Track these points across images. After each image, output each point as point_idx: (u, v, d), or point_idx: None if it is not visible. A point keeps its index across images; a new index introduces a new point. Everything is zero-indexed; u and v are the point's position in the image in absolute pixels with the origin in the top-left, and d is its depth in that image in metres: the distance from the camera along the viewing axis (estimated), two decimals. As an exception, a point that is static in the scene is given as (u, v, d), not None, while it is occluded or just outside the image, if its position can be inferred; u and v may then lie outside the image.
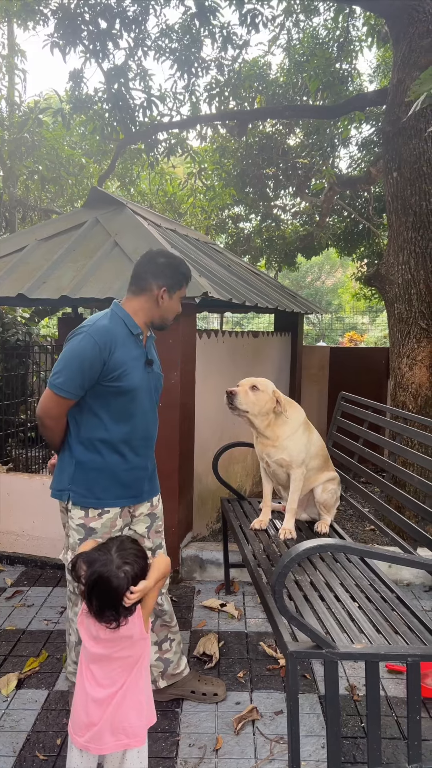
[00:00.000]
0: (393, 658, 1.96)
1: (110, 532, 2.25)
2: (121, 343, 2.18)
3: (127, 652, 1.77)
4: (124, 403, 2.21)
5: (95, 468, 2.22)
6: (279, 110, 7.37)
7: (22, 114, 9.40)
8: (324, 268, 27.72)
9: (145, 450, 2.34)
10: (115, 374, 2.14)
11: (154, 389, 2.36)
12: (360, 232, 10.51)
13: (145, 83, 7.42)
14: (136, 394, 2.23)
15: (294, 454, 2.95)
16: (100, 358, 2.11)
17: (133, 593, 1.72)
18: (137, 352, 2.24)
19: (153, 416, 2.38)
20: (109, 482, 2.24)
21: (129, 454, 2.27)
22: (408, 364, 4.36)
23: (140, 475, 2.33)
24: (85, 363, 2.10)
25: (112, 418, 2.21)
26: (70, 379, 2.11)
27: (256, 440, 3.08)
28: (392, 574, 3.69)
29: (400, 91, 4.42)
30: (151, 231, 4.07)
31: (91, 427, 2.21)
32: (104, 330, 2.15)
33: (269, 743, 2.31)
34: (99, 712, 1.75)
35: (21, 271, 3.93)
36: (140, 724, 1.78)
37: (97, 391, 2.17)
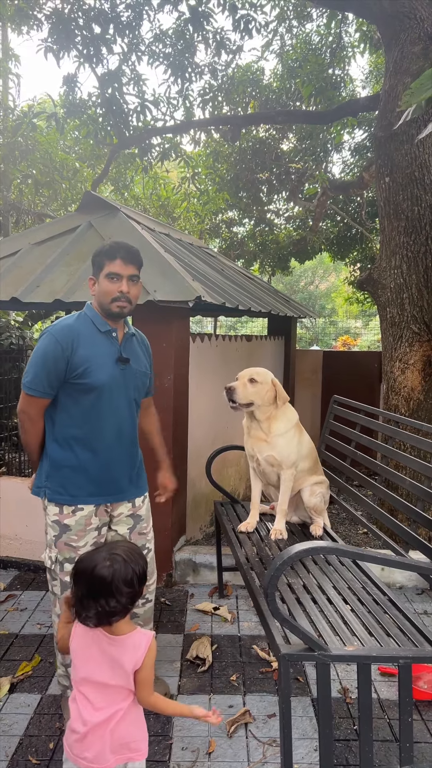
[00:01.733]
0: (384, 660, 1.97)
1: (85, 529, 2.27)
2: (87, 341, 2.22)
3: (122, 682, 1.68)
4: (93, 401, 2.23)
5: (68, 465, 2.26)
6: (272, 115, 7.41)
7: (15, 118, 9.39)
8: (317, 272, 27.80)
9: (119, 448, 2.32)
10: (79, 371, 2.18)
11: (132, 387, 2.34)
12: (353, 236, 10.57)
13: (139, 88, 7.45)
14: (104, 391, 2.23)
15: (284, 452, 2.96)
16: (62, 356, 2.16)
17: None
18: (107, 350, 2.26)
19: (128, 413, 2.36)
20: (82, 480, 2.26)
21: (101, 452, 2.27)
22: (400, 367, 4.39)
23: (115, 474, 2.33)
24: (49, 361, 2.16)
25: (83, 416, 2.24)
26: (37, 378, 2.18)
27: (248, 436, 3.08)
28: (385, 577, 3.70)
29: (392, 97, 4.45)
30: (145, 235, 4.08)
31: (64, 424, 2.26)
32: (66, 329, 2.21)
33: (262, 746, 2.32)
34: (99, 734, 1.66)
35: (14, 275, 3.93)
36: (143, 737, 1.74)
37: (66, 390, 2.22)
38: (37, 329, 8.42)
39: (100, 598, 1.62)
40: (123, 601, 1.64)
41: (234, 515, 3.38)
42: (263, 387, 2.91)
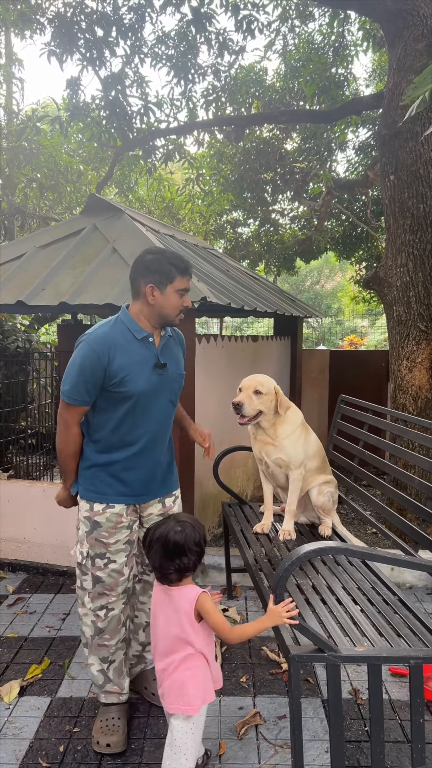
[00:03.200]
0: (395, 661, 1.95)
1: (115, 527, 2.29)
2: (123, 348, 2.21)
3: (178, 630, 1.96)
4: (130, 407, 2.24)
5: (101, 466, 2.30)
6: (275, 115, 7.40)
7: (19, 122, 9.43)
8: (323, 272, 27.76)
9: (152, 451, 2.34)
10: (117, 380, 2.18)
11: (169, 390, 2.36)
12: (358, 235, 10.54)
13: (142, 90, 7.46)
14: (141, 397, 2.25)
15: (292, 453, 2.95)
16: (99, 365, 2.16)
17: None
18: (143, 356, 2.25)
19: (164, 416, 2.38)
20: (114, 480, 2.30)
21: (134, 455, 2.30)
22: (408, 366, 4.36)
23: (146, 477, 2.35)
24: (85, 371, 2.17)
25: (119, 420, 2.26)
26: (74, 387, 2.19)
27: (254, 440, 3.08)
28: (395, 577, 3.68)
29: (395, 94, 4.43)
30: (150, 237, 4.08)
31: (100, 427, 2.28)
32: (102, 337, 2.20)
33: (273, 748, 2.31)
34: (162, 680, 2.00)
35: (20, 278, 3.94)
36: (195, 694, 1.95)
37: (104, 396, 2.23)
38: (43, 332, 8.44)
39: (176, 558, 1.94)
40: (193, 559, 1.96)
41: (242, 516, 3.37)
42: (268, 397, 2.90)
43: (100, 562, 2.30)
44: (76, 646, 3.05)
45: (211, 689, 2.01)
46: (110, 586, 2.31)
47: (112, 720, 2.36)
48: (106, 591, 2.31)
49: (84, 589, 2.34)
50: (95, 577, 2.31)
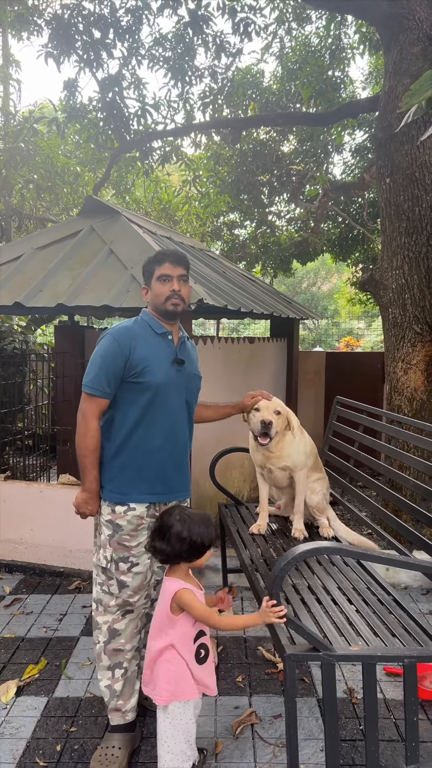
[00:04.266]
0: (389, 660, 1.97)
1: (137, 529, 2.29)
2: (144, 341, 2.31)
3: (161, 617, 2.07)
4: (149, 400, 2.28)
5: (120, 464, 2.31)
6: (272, 117, 7.43)
7: (17, 123, 9.44)
8: (320, 274, 27.80)
9: (171, 449, 2.36)
10: (137, 370, 2.26)
11: (185, 389, 2.40)
12: (355, 237, 10.57)
13: (139, 92, 7.48)
14: (160, 390, 2.29)
15: (296, 459, 3.00)
16: (121, 355, 2.25)
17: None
18: (164, 351, 2.34)
19: (182, 415, 2.40)
20: (134, 478, 2.30)
21: (154, 451, 2.32)
22: (403, 368, 4.39)
23: (166, 474, 2.36)
24: (108, 360, 2.25)
25: (139, 415, 2.29)
26: (96, 377, 2.26)
27: (256, 451, 3.09)
28: (390, 578, 3.71)
29: (391, 98, 4.46)
30: (146, 239, 4.10)
31: (120, 424, 2.31)
32: (125, 329, 2.32)
33: (268, 747, 2.32)
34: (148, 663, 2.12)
35: (17, 280, 3.95)
36: (164, 687, 2.03)
37: (124, 389, 2.29)
38: (40, 334, 8.45)
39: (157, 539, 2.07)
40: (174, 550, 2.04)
41: (238, 517, 3.39)
42: (283, 417, 2.94)
43: (123, 566, 2.29)
44: (73, 647, 3.06)
45: (189, 688, 2.03)
46: (134, 589, 2.30)
47: (112, 749, 2.24)
48: (130, 594, 2.30)
49: (111, 594, 2.30)
50: (120, 582, 2.29)
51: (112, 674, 2.30)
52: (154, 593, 2.45)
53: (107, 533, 2.31)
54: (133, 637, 2.32)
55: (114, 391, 2.28)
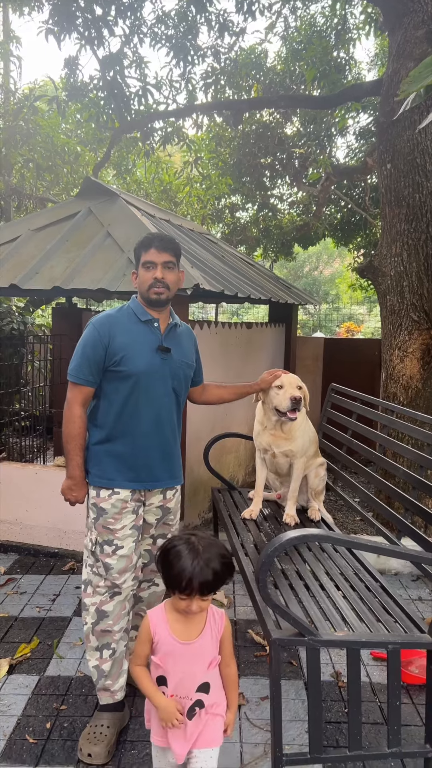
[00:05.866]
0: (374, 646, 2.01)
1: (121, 512, 2.31)
2: (125, 329, 2.31)
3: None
4: (131, 388, 2.30)
5: (106, 451, 2.34)
6: (274, 100, 7.34)
7: (17, 101, 9.33)
8: (322, 258, 27.67)
9: (156, 437, 2.36)
10: (117, 358, 2.27)
11: (172, 376, 2.38)
12: (357, 222, 10.50)
13: (141, 71, 7.38)
14: (141, 378, 2.29)
15: (300, 444, 3.04)
16: (100, 343, 2.27)
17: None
18: (146, 338, 2.33)
19: (168, 403, 2.40)
20: (120, 465, 2.32)
21: (138, 439, 2.33)
22: (399, 355, 4.39)
23: (151, 462, 2.36)
24: (88, 348, 2.28)
25: (122, 403, 2.31)
26: (79, 366, 2.30)
27: (263, 432, 3.11)
28: (380, 564, 3.74)
29: (394, 82, 4.41)
30: (144, 221, 4.07)
31: (104, 412, 2.34)
32: (105, 317, 2.34)
33: (254, 728, 2.36)
34: None
35: (14, 262, 3.94)
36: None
37: (107, 377, 2.31)
38: (38, 315, 8.43)
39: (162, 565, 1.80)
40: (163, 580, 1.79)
41: (231, 502, 3.42)
42: (303, 392, 2.96)
43: (108, 548, 2.30)
44: (65, 627, 3.10)
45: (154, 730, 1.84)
46: (119, 571, 2.31)
47: (100, 728, 2.26)
48: (115, 576, 2.31)
49: (98, 575, 2.33)
50: (105, 564, 2.31)
51: (100, 655, 2.32)
52: (141, 575, 2.49)
53: (92, 516, 2.35)
54: (121, 619, 2.34)
55: (97, 379, 2.31)
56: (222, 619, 1.86)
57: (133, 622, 2.56)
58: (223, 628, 1.85)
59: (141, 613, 2.58)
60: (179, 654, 1.78)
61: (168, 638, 1.78)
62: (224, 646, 1.84)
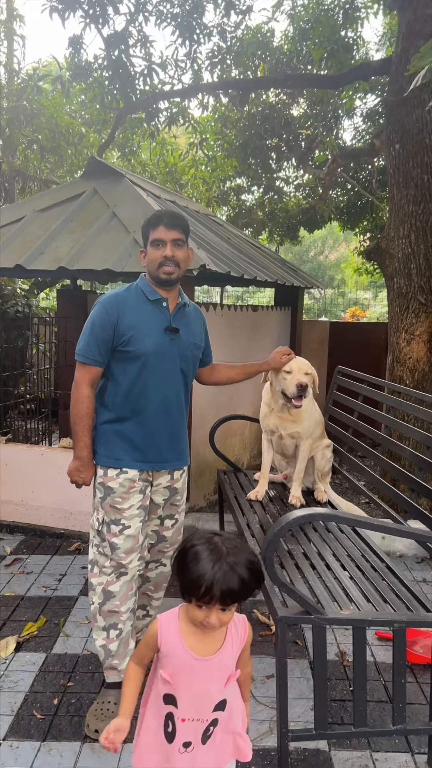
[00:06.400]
0: (380, 624, 2.01)
1: (128, 492, 2.31)
2: (134, 308, 2.28)
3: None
4: (139, 369, 2.28)
5: (114, 431, 2.33)
6: (281, 80, 7.23)
7: (20, 81, 9.23)
8: (327, 242, 27.49)
9: (164, 417, 2.35)
10: (125, 338, 2.25)
11: (180, 357, 2.36)
12: (363, 205, 10.39)
13: (146, 50, 7.28)
14: (150, 359, 2.28)
15: (307, 426, 3.04)
16: (109, 322, 2.24)
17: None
18: (155, 318, 2.30)
19: (176, 384, 2.38)
20: (127, 445, 2.31)
21: (146, 419, 2.32)
22: (406, 338, 4.37)
23: (159, 443, 2.36)
24: (97, 328, 2.25)
25: (130, 384, 2.30)
26: (87, 345, 2.27)
27: (269, 414, 3.10)
28: (386, 546, 3.75)
29: (403, 60, 4.34)
30: (150, 202, 4.04)
31: (112, 392, 2.33)
32: (113, 296, 2.31)
33: (260, 705, 2.38)
34: None
35: (19, 242, 3.92)
36: None
37: (115, 357, 2.29)
38: (43, 298, 8.41)
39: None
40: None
41: (237, 484, 3.42)
42: (311, 377, 2.95)
43: (115, 528, 2.30)
44: (72, 606, 3.12)
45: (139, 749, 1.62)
46: (126, 551, 2.31)
47: (107, 704, 2.30)
48: (121, 556, 2.31)
49: (104, 555, 2.34)
50: (112, 544, 2.31)
51: (107, 634, 2.32)
52: (147, 555, 2.50)
53: (99, 495, 2.34)
54: (128, 599, 2.34)
55: (105, 359, 2.29)
56: (245, 627, 1.61)
57: (139, 602, 2.58)
58: (246, 638, 1.61)
59: (148, 593, 2.60)
60: (194, 671, 1.52)
61: (181, 652, 1.52)
62: (244, 653, 1.62)
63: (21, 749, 2.13)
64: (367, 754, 2.12)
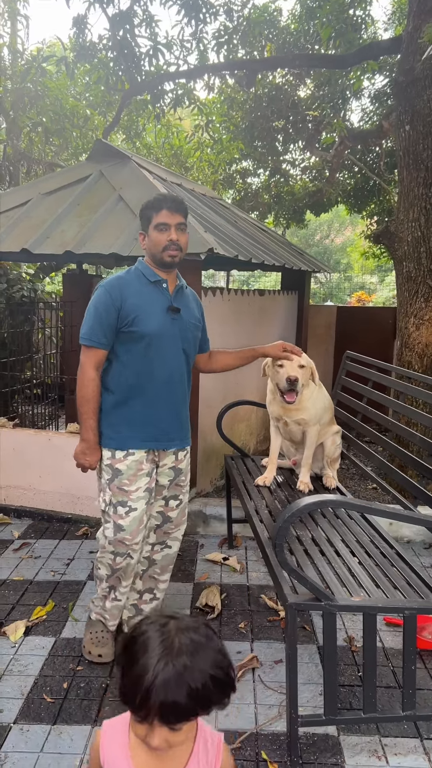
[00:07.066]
0: (391, 611, 2.00)
1: (136, 474, 2.35)
2: (136, 291, 2.32)
3: None
4: (144, 349, 2.31)
5: (119, 412, 2.36)
6: (289, 59, 7.12)
7: (24, 62, 9.11)
8: (333, 226, 27.25)
9: (168, 397, 2.39)
10: (130, 319, 2.28)
11: (181, 338, 2.39)
12: (371, 188, 10.27)
13: (151, 30, 7.15)
14: (154, 339, 2.31)
15: (313, 413, 3.02)
16: (113, 305, 2.28)
17: None
18: (156, 299, 2.34)
19: (179, 364, 2.41)
20: (134, 426, 2.35)
21: (151, 400, 2.36)
22: (415, 323, 4.32)
23: (164, 423, 2.40)
24: (100, 311, 2.28)
25: (135, 364, 2.33)
26: (91, 329, 2.30)
27: (274, 401, 3.09)
28: (393, 531, 3.74)
29: (414, 39, 4.24)
30: (156, 184, 3.99)
31: (117, 373, 2.36)
32: (116, 280, 2.34)
33: (268, 690, 2.39)
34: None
35: (24, 226, 3.88)
36: None
37: (120, 339, 2.32)
38: (48, 282, 8.37)
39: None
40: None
41: (244, 469, 3.41)
42: (307, 370, 2.91)
43: (121, 510, 2.35)
44: (80, 590, 3.13)
45: None
46: (131, 534, 2.37)
47: (101, 633, 2.53)
48: (126, 538, 2.37)
49: (105, 537, 2.41)
50: (117, 526, 2.36)
51: (108, 593, 2.50)
52: (153, 537, 2.57)
53: (107, 477, 2.39)
54: (129, 578, 2.48)
55: (110, 341, 2.31)
56: (218, 751, 1.18)
57: (146, 585, 2.61)
58: (220, 763, 1.18)
59: (155, 576, 2.61)
60: None
61: None
62: None
63: (31, 732, 2.14)
64: (376, 739, 2.13)
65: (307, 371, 2.91)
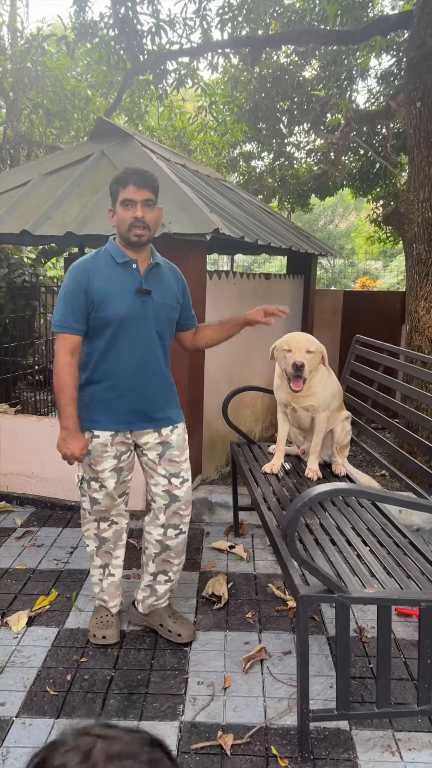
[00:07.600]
0: (406, 603, 1.93)
1: (101, 455, 2.39)
2: (103, 273, 2.26)
3: None
4: (113, 333, 2.27)
5: (89, 393, 2.36)
6: (295, 36, 6.95)
7: (24, 42, 8.93)
8: (337, 211, 26.97)
9: (141, 380, 2.35)
10: (95, 304, 2.24)
11: (154, 319, 2.32)
12: (377, 171, 10.10)
13: (154, 7, 6.99)
14: (123, 323, 2.26)
15: (322, 399, 2.93)
16: (79, 289, 2.23)
17: None
18: (125, 281, 2.27)
19: (152, 346, 2.35)
20: (103, 409, 2.36)
21: (122, 383, 2.33)
22: (425, 307, 4.22)
23: (135, 406, 2.37)
24: (68, 296, 2.25)
25: (105, 348, 2.30)
26: (62, 315, 2.26)
27: (282, 386, 3.00)
28: (402, 519, 3.66)
29: (426, 12, 4.11)
30: (160, 164, 3.88)
31: (86, 357, 2.34)
32: (81, 263, 2.29)
33: (278, 682, 2.33)
34: None
35: (24, 207, 3.78)
36: None
37: (91, 323, 2.28)
38: (50, 267, 8.27)
39: None
40: None
41: (251, 456, 3.34)
42: (316, 355, 2.81)
43: (95, 484, 2.45)
44: (84, 579, 3.07)
45: None
46: (106, 507, 2.49)
47: (105, 617, 2.59)
48: (103, 509, 2.50)
49: (84, 509, 2.54)
50: (92, 499, 2.48)
51: (102, 572, 2.59)
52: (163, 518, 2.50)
53: None
54: (120, 547, 2.61)
55: (83, 326, 2.27)
56: None
57: (160, 568, 2.53)
58: None
59: (169, 560, 2.54)
60: None
61: None
62: None
63: (34, 726, 2.09)
64: (390, 733, 2.06)
65: (315, 357, 2.82)
